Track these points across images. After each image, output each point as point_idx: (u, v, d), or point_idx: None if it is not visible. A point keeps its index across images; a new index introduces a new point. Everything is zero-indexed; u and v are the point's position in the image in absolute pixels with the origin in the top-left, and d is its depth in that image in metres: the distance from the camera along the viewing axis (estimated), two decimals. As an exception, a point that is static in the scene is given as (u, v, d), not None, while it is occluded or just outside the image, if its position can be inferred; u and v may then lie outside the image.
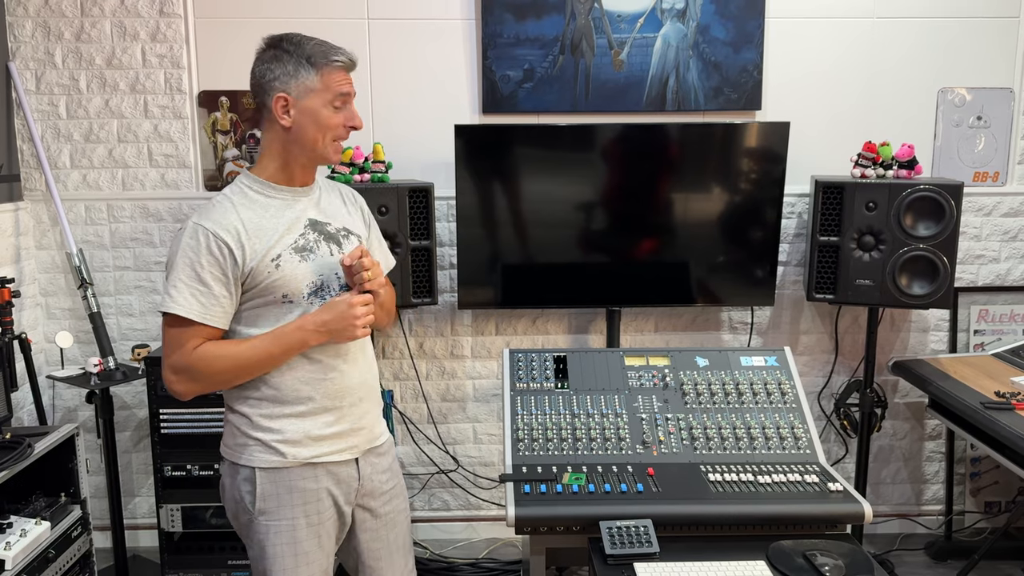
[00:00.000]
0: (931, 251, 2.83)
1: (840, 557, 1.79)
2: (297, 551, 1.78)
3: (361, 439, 1.86)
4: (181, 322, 1.67)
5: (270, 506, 1.77)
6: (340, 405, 1.81)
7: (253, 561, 1.83)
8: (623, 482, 2.07)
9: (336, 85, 1.73)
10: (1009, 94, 3.19)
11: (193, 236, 1.68)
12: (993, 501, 3.40)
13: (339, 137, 1.77)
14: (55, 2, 3.04)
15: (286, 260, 1.72)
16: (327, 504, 1.81)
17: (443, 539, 3.41)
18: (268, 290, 1.71)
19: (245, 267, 1.69)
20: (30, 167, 3.15)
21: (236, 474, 1.80)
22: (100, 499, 3.20)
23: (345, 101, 1.76)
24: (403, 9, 3.09)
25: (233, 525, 1.87)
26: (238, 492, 1.80)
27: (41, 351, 3.21)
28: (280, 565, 1.77)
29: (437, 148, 3.12)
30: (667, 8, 3.06)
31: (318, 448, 1.78)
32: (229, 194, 1.76)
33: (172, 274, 1.68)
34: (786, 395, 2.38)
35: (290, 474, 1.77)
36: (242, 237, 1.69)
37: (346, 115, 1.76)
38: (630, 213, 3.03)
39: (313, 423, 1.78)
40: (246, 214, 1.72)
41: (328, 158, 1.78)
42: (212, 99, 3.12)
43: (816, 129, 3.19)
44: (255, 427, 1.77)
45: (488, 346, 3.32)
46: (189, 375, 1.69)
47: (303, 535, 1.78)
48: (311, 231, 1.78)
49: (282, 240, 1.73)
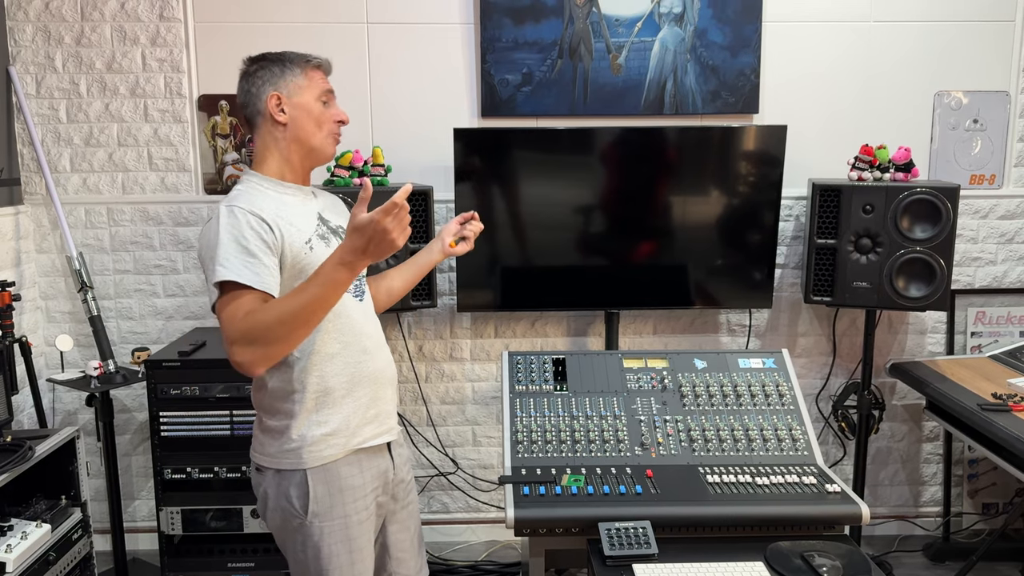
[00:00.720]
0: (928, 253, 2.84)
1: (838, 558, 1.80)
2: (352, 548, 1.81)
3: (393, 422, 1.93)
4: (236, 293, 1.61)
5: (323, 507, 1.78)
6: (373, 388, 1.86)
7: (305, 564, 1.81)
8: (622, 484, 2.07)
9: (320, 82, 1.83)
10: (1005, 97, 3.21)
11: (230, 216, 1.67)
12: (991, 502, 3.41)
13: (333, 131, 1.84)
14: (55, 6, 3.05)
15: (316, 244, 1.76)
16: (371, 500, 1.86)
17: (443, 541, 3.42)
18: (304, 271, 1.70)
19: (284, 244, 1.69)
20: (30, 171, 3.16)
21: (282, 481, 1.79)
22: (100, 502, 3.21)
23: (330, 98, 1.85)
24: (402, 13, 3.10)
25: (277, 535, 1.85)
26: (285, 499, 1.78)
27: (41, 354, 3.21)
28: (336, 563, 1.79)
29: (436, 152, 3.13)
30: (665, 12, 3.08)
31: (362, 433, 1.83)
32: (248, 185, 1.78)
33: (218, 253, 1.63)
34: (784, 397, 2.39)
35: (339, 471, 1.80)
36: (273, 219, 1.70)
37: (334, 111, 1.84)
38: (628, 216, 3.05)
39: (353, 408, 1.81)
40: (271, 201, 1.75)
41: (325, 150, 1.83)
42: (212, 103, 3.13)
43: (813, 132, 3.20)
44: (299, 426, 1.76)
45: (487, 349, 3.33)
46: (247, 340, 1.58)
47: (355, 532, 1.82)
48: (322, 224, 1.83)
49: (308, 227, 1.77)
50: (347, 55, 3.10)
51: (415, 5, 3.10)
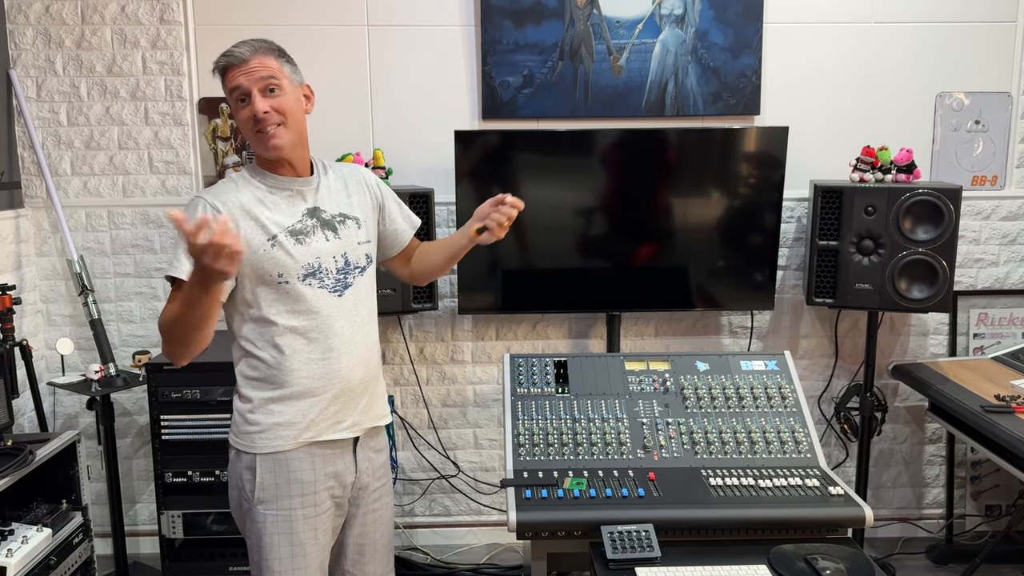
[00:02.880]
0: (930, 255, 2.84)
1: (841, 561, 1.80)
2: (293, 541, 1.82)
3: (361, 417, 1.91)
4: (176, 285, 1.73)
5: (269, 495, 1.81)
6: (337, 387, 1.85)
7: (250, 551, 1.87)
8: (624, 487, 2.07)
9: (228, 85, 1.79)
10: (1007, 98, 3.21)
11: (192, 207, 1.78)
12: (994, 504, 3.40)
13: (253, 131, 1.78)
14: (56, 10, 3.05)
15: (282, 241, 1.79)
16: (324, 496, 1.85)
17: (444, 544, 3.41)
18: (262, 268, 1.78)
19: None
20: (31, 174, 3.15)
21: (239, 461, 1.85)
22: (101, 506, 3.20)
23: (241, 94, 1.77)
24: (403, 16, 3.10)
25: (235, 516, 1.91)
26: (240, 479, 1.84)
27: (42, 358, 3.21)
28: (276, 555, 1.81)
29: (437, 154, 3.13)
30: (666, 14, 3.07)
31: (315, 428, 1.83)
32: (234, 176, 1.86)
33: (174, 245, 1.74)
34: (786, 399, 2.38)
35: (289, 462, 1.81)
36: (236, 212, 1.77)
37: (251, 108, 1.77)
38: (629, 218, 3.04)
39: (310, 404, 1.82)
40: (247, 195, 1.81)
41: (260, 152, 1.82)
42: (212, 106, 3.13)
43: (815, 134, 3.20)
44: (256, 411, 1.81)
45: (488, 351, 3.33)
46: (163, 334, 1.71)
47: (300, 526, 1.83)
48: (308, 218, 1.84)
49: (279, 223, 1.80)
50: (348, 57, 3.10)
51: (416, 7, 3.10)
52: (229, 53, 1.78)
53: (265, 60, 1.78)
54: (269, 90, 1.78)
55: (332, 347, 1.84)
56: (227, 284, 1.76)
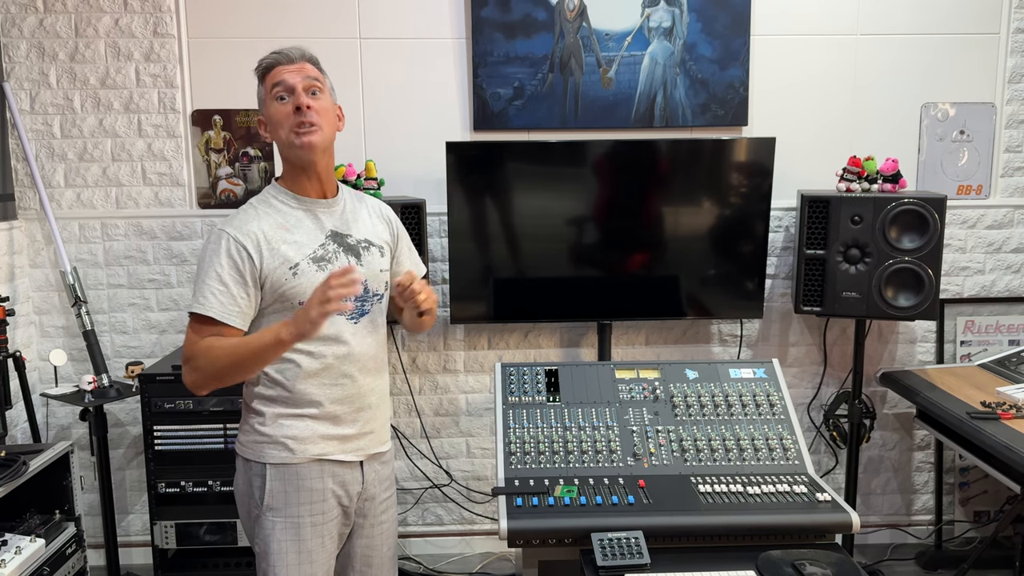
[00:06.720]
0: (916, 263, 2.87)
1: (828, 566, 1.82)
2: (300, 548, 1.84)
3: (367, 442, 1.94)
4: (201, 320, 1.77)
5: (277, 502, 1.84)
6: (350, 411, 1.89)
7: (258, 558, 1.89)
8: (614, 494, 2.09)
9: (271, 81, 1.83)
10: (991, 108, 3.25)
11: (216, 241, 1.80)
12: (982, 510, 3.43)
13: (291, 125, 1.80)
14: (50, 23, 3.07)
15: (304, 269, 1.80)
16: (332, 504, 1.88)
17: (437, 554, 3.42)
18: (285, 296, 1.80)
19: (263, 272, 1.78)
20: (24, 186, 3.17)
21: (249, 470, 1.87)
22: (94, 516, 3.20)
23: (284, 90, 1.81)
24: (394, 29, 3.13)
25: (244, 525, 1.94)
26: (249, 486, 1.87)
27: (35, 369, 3.22)
28: (283, 561, 1.84)
29: (429, 165, 3.15)
30: (654, 27, 3.11)
31: (326, 446, 1.86)
32: (256, 203, 1.87)
33: (198, 278, 1.79)
34: (775, 407, 2.41)
35: (298, 472, 1.84)
36: (261, 243, 1.79)
37: (292, 102, 1.81)
38: (619, 228, 3.07)
39: (322, 425, 1.86)
40: (268, 222, 1.83)
41: (293, 147, 1.82)
42: (205, 118, 3.15)
43: (802, 144, 3.24)
44: (268, 425, 1.84)
45: (480, 360, 3.34)
46: (193, 364, 1.76)
47: (307, 533, 1.85)
48: (331, 242, 1.86)
49: (301, 249, 1.82)
50: (340, 70, 3.12)
51: (407, 21, 3.13)
52: (279, 51, 1.84)
53: (311, 67, 1.86)
54: (312, 92, 1.83)
55: (345, 373, 1.87)
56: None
